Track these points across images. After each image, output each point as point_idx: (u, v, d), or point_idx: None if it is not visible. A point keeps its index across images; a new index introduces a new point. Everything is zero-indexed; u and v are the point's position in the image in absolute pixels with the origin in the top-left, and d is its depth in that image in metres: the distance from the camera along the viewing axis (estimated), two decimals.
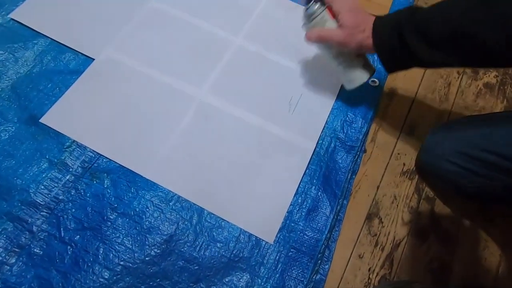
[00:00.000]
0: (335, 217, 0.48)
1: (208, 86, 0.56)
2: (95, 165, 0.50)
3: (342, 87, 0.57)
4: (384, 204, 0.51)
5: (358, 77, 0.49)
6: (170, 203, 0.48)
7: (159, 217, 0.47)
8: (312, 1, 0.46)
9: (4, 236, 0.45)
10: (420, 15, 0.40)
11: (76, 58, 0.57)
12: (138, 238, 0.45)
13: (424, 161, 0.47)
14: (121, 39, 0.59)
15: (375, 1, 0.66)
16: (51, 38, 0.58)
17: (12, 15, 0.60)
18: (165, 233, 0.46)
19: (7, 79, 0.55)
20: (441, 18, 0.37)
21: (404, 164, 0.54)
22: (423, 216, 0.51)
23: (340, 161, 0.52)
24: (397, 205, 0.51)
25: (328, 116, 0.55)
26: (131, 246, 0.45)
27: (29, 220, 0.46)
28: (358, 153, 0.53)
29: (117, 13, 0.61)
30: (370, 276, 0.46)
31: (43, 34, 0.58)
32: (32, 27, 0.59)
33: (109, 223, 0.46)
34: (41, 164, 0.49)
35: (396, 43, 0.40)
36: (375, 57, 0.47)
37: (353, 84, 0.50)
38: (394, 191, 0.52)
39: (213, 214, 0.48)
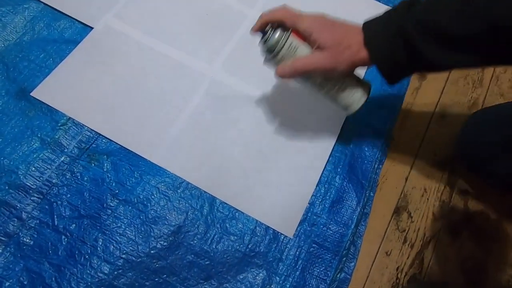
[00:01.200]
0: (362, 210, 0.44)
1: (220, 62, 0.51)
2: (94, 145, 0.44)
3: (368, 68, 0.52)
4: (413, 197, 0.46)
5: (357, 99, 0.39)
6: (178, 191, 0.43)
7: (165, 206, 0.42)
8: (270, 29, 0.35)
9: None
10: (424, 10, 0.31)
11: (72, 26, 0.51)
12: (142, 229, 0.40)
13: (465, 150, 0.42)
14: (123, 6, 0.53)
15: None
16: (44, 3, 0.52)
17: None
18: (173, 223, 0.41)
19: None
20: (455, 9, 0.29)
21: (435, 154, 0.49)
22: (456, 211, 0.46)
23: (366, 148, 0.47)
24: (428, 199, 0.46)
25: None
26: (134, 238, 0.40)
27: (18, 205, 0.40)
28: (385, 140, 0.48)
29: None
30: (399, 276, 0.42)
31: None
32: None
33: (109, 211, 0.41)
34: (32, 143, 0.43)
35: (399, 50, 0.32)
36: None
37: (353, 109, 0.40)
38: (424, 183, 0.47)
39: (226, 204, 0.43)
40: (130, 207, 0.41)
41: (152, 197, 0.42)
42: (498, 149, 0.39)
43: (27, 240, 0.39)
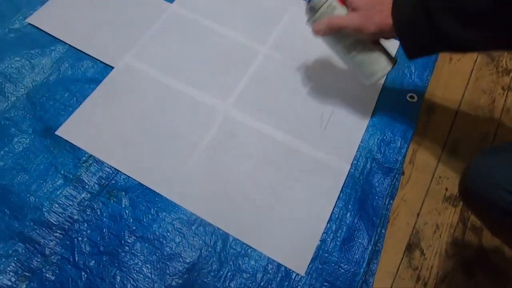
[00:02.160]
0: (373, 247, 0.44)
1: (233, 99, 0.53)
2: (113, 182, 0.46)
3: (378, 101, 0.53)
4: (425, 234, 0.46)
5: (381, 67, 0.42)
6: (193, 227, 0.44)
7: (180, 243, 0.43)
8: None
9: (15, 258, 0.41)
10: None
11: (94, 66, 0.54)
12: (158, 266, 0.42)
13: (474, 188, 0.43)
14: (142, 47, 0.56)
15: None
16: (69, 45, 0.56)
17: (29, 20, 0.57)
18: (187, 260, 0.42)
19: (23, 87, 0.52)
20: None
21: (446, 189, 0.49)
22: (470, 248, 0.46)
23: (377, 184, 0.48)
24: (440, 235, 0.46)
25: (363, 134, 0.50)
26: (150, 275, 0.41)
27: (42, 241, 0.42)
28: (396, 175, 0.49)
29: (137, 19, 0.58)
30: None
31: (61, 40, 0.56)
32: (49, 33, 0.56)
33: (127, 247, 0.42)
34: (56, 180, 0.46)
35: (421, 22, 0.34)
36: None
37: (375, 77, 0.43)
38: (436, 219, 0.47)
39: (239, 240, 0.44)
40: (146, 244, 0.43)
41: (168, 233, 0.43)
42: (508, 188, 0.39)
43: (49, 276, 0.41)
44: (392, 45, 0.51)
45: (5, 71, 0.53)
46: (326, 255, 0.43)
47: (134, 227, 0.44)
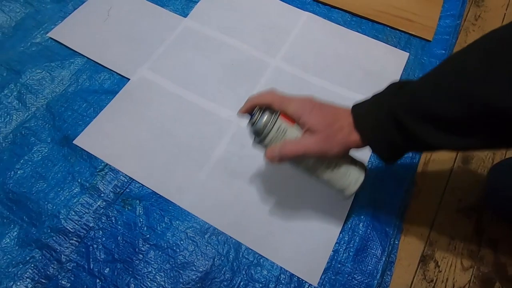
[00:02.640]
0: (387, 258, 0.43)
1: None
2: (127, 190, 0.47)
3: None
4: (440, 246, 0.46)
5: (353, 180, 0.36)
6: (206, 236, 0.44)
7: (194, 251, 0.43)
8: (257, 111, 0.34)
9: (32, 265, 0.42)
10: (414, 93, 0.30)
11: (111, 77, 0.56)
12: (172, 274, 0.42)
13: (495, 204, 0.42)
14: (156, 59, 0.58)
15: (418, 21, 0.63)
16: (87, 57, 0.58)
17: (50, 34, 0.60)
18: (200, 269, 0.42)
19: (43, 98, 0.54)
20: (446, 91, 0.28)
21: (460, 200, 0.49)
22: (486, 261, 0.45)
23: (389, 194, 0.48)
24: (455, 247, 0.46)
25: None
26: (164, 283, 0.41)
27: (58, 248, 0.43)
28: (408, 186, 0.48)
29: (152, 33, 0.60)
30: None
31: (79, 53, 0.58)
32: (69, 46, 0.58)
33: (141, 255, 0.43)
34: (73, 188, 0.47)
35: (393, 133, 0.31)
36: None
37: (350, 190, 0.37)
38: (451, 230, 0.47)
39: (251, 250, 0.44)
40: (160, 252, 0.43)
41: (181, 242, 0.44)
42: None
43: (65, 283, 0.41)
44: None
45: (27, 82, 0.55)
46: (339, 265, 0.43)
47: (148, 235, 0.44)
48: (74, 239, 0.44)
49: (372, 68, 0.58)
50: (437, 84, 0.29)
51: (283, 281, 0.42)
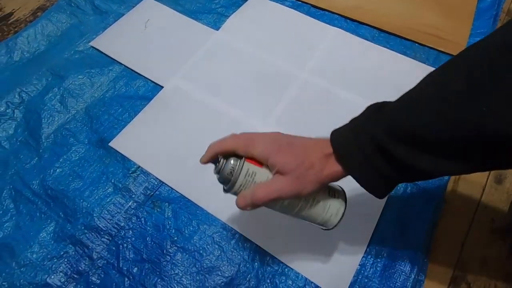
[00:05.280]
0: (416, 276, 0.42)
1: (273, 120, 0.55)
2: (157, 193, 0.49)
3: None
4: (472, 267, 0.44)
5: (334, 212, 0.35)
6: (232, 241, 0.45)
7: (220, 256, 0.44)
8: (221, 158, 0.33)
9: (66, 260, 0.44)
10: (395, 114, 0.28)
11: (146, 85, 0.59)
12: (198, 278, 0.42)
13: None
14: (189, 69, 0.60)
15: (448, 38, 0.63)
16: (124, 65, 0.61)
17: (92, 43, 0.64)
18: (226, 275, 0.43)
19: (83, 102, 0.57)
20: (428, 112, 0.26)
21: (493, 220, 0.47)
22: None
23: (418, 210, 0.47)
24: (488, 269, 0.44)
25: None
26: (189, 287, 0.42)
27: (90, 245, 0.45)
28: (438, 203, 0.47)
29: (186, 44, 0.63)
30: None
31: (118, 62, 0.61)
32: (108, 55, 0.62)
33: (169, 257, 0.44)
34: (107, 188, 0.49)
35: (377, 159, 0.29)
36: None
37: (331, 223, 0.35)
38: (484, 251, 0.45)
39: (276, 258, 0.44)
40: (187, 255, 0.44)
41: (208, 246, 0.45)
42: None
43: (95, 280, 0.43)
44: None
45: (69, 87, 0.59)
46: (365, 280, 0.42)
47: (176, 238, 0.45)
48: (106, 237, 0.45)
49: (401, 82, 0.57)
50: (419, 102, 0.27)
51: None
